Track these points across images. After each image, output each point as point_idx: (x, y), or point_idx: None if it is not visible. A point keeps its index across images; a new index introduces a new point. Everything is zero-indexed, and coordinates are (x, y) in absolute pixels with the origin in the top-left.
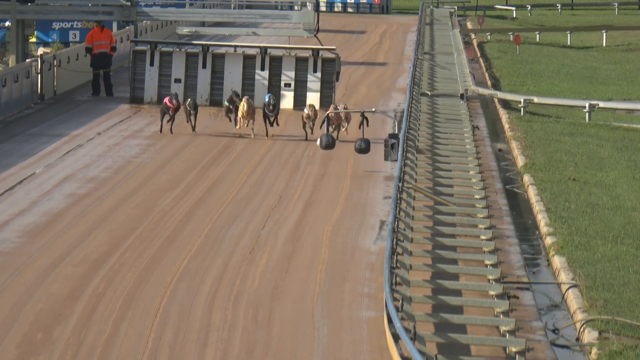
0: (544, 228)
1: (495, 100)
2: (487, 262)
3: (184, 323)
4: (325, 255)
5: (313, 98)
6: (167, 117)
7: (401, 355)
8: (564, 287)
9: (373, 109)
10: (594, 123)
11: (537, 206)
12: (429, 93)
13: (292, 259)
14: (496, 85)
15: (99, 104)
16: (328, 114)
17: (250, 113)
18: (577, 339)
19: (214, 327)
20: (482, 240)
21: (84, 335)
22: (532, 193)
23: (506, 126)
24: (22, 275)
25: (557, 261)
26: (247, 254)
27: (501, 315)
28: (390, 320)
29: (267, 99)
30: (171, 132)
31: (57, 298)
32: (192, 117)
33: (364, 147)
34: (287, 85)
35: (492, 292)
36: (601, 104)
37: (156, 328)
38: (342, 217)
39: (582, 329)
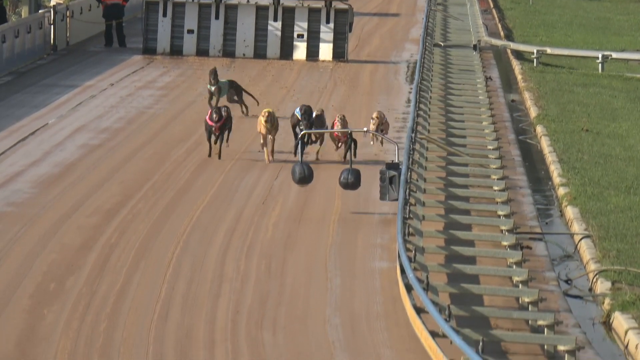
0: (556, 179)
1: (508, 51)
2: (500, 212)
3: (196, 274)
4: (338, 206)
5: (326, 49)
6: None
7: (414, 306)
8: (576, 238)
9: (364, 129)
10: (607, 74)
11: (550, 157)
12: (442, 44)
13: (304, 209)
14: (509, 36)
15: (112, 55)
16: (302, 132)
17: (274, 128)
18: (590, 290)
19: (227, 277)
20: (495, 190)
21: (97, 286)
22: (544, 144)
23: (519, 77)
24: (35, 225)
25: (570, 212)
26: (260, 204)
27: (514, 266)
28: (403, 271)
29: (298, 113)
30: (219, 157)
31: (70, 249)
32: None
33: (353, 181)
34: (300, 36)
35: (505, 243)
36: (614, 55)
37: (169, 279)
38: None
39: (594, 280)
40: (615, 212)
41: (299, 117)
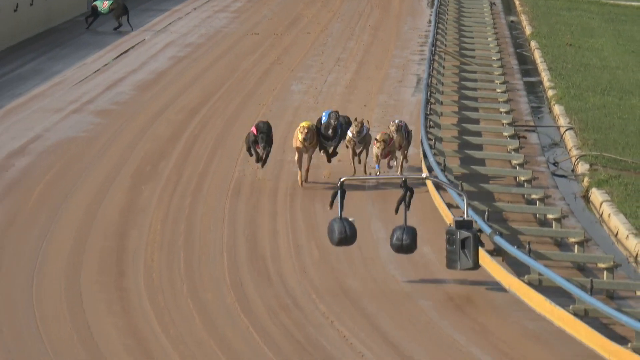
0: (546, 83)
1: None
2: (501, 109)
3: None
4: (374, 104)
5: None
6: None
7: (433, 182)
8: (562, 130)
9: (423, 175)
10: (587, 0)
11: (541, 66)
12: None
13: (347, 108)
14: None
15: None
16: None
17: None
18: (572, 170)
19: (285, 162)
20: (497, 92)
21: (183, 169)
22: (537, 55)
23: (517, 2)
24: (134, 121)
25: (557, 109)
26: (313, 104)
27: (512, 152)
28: (425, 156)
29: (325, 118)
30: (262, 166)
31: (161, 139)
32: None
33: (408, 243)
34: None
35: (505, 134)
36: None
37: (240, 163)
38: (386, 76)
39: (576, 163)
40: (593, 110)
41: (328, 131)
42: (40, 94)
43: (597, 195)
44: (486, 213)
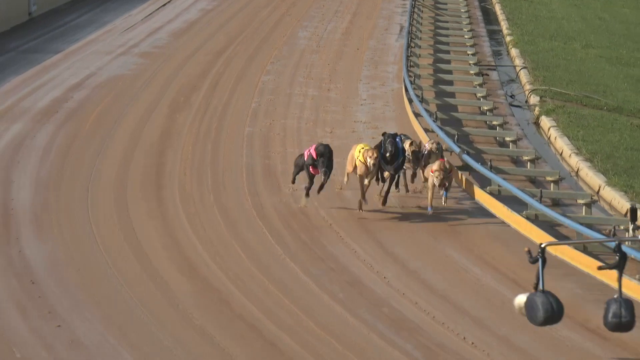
0: (505, 31)
1: None
2: (468, 52)
3: (274, 92)
4: (365, 48)
5: None
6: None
7: (413, 112)
8: (517, 68)
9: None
10: None
11: (501, 16)
12: None
13: (343, 51)
14: None
15: None
16: None
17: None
18: (526, 102)
19: (294, 94)
20: (465, 38)
21: (210, 100)
22: (497, 8)
23: None
24: (171, 61)
25: (514, 52)
26: (315, 47)
27: (477, 86)
28: (406, 90)
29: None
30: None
31: (193, 76)
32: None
33: (628, 320)
34: None
35: (471, 72)
36: None
37: (257, 95)
38: (375, 25)
39: (529, 95)
40: (542, 52)
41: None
42: (94, 40)
43: (545, 122)
44: (456, 136)
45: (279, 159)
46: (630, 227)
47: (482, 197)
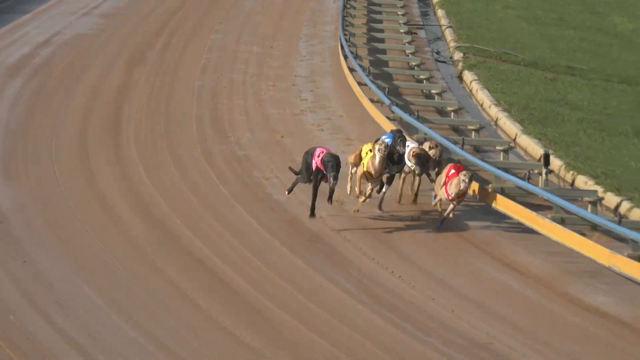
0: None
1: None
2: (398, 13)
3: (222, 49)
4: (306, 9)
5: None
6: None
7: (348, 67)
8: (443, 27)
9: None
10: None
11: None
12: None
13: (285, 12)
14: None
15: None
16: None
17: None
18: (450, 58)
19: (240, 51)
20: (396, 0)
21: (164, 56)
22: None
23: None
24: (128, 21)
25: (440, 12)
26: (259, 10)
27: (406, 44)
28: (342, 47)
29: (389, 140)
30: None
31: (149, 34)
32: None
33: None
34: None
35: (401, 30)
36: None
37: (206, 52)
38: None
39: (453, 52)
40: (466, 13)
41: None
42: (60, 1)
43: (468, 76)
44: (386, 89)
45: (225, 110)
46: (544, 171)
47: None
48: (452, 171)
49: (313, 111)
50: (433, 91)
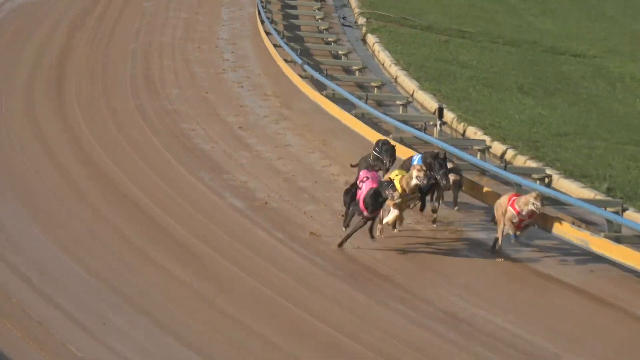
0: None
1: None
2: None
3: (153, 15)
4: None
5: None
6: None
7: (265, 31)
8: None
9: None
10: None
11: None
12: None
13: None
14: None
15: None
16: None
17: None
18: (355, 22)
19: (169, 17)
20: None
21: (101, 22)
22: None
23: None
24: None
25: None
26: None
27: (316, 10)
28: (259, 13)
29: (418, 161)
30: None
31: (88, 1)
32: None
33: None
34: None
35: None
36: None
37: (139, 18)
38: None
39: (357, 17)
40: None
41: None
42: None
43: (371, 39)
44: (299, 50)
45: (156, 69)
46: (438, 123)
47: (319, 99)
48: (513, 199)
49: (234, 70)
50: (340, 52)
